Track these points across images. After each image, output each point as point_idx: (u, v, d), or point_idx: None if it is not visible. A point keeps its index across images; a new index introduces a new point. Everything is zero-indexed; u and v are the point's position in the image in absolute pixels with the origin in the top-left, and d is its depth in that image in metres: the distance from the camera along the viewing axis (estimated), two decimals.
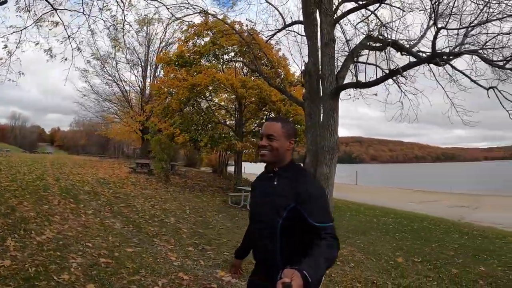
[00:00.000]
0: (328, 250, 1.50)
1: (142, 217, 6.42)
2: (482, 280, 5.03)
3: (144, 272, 3.63)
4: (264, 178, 1.83)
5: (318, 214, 1.61)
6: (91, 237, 4.46)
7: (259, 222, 1.76)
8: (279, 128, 1.75)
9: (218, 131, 14.96)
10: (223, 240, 5.95)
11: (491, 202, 20.08)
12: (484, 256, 6.55)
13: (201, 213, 8.29)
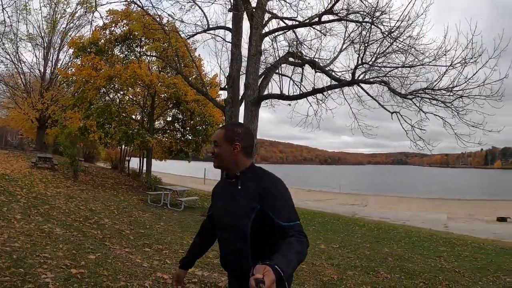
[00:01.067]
0: (298, 245, 1.49)
1: (76, 220, 6.09)
2: (390, 257, 6.46)
3: (123, 277, 3.64)
4: (227, 184, 1.82)
5: (283, 213, 1.60)
6: (41, 246, 4.17)
7: (227, 228, 1.73)
8: (221, 134, 1.77)
9: (131, 127, 14.49)
10: (169, 239, 6.09)
11: (376, 200, 23.63)
12: (384, 241, 8.31)
13: (128, 213, 8.14)
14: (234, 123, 1.98)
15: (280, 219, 1.58)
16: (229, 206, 1.73)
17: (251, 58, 11.42)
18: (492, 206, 22.37)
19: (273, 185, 1.67)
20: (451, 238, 9.93)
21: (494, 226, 14.29)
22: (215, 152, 1.77)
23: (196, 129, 16.63)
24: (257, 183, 1.68)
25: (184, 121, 17.31)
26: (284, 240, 1.53)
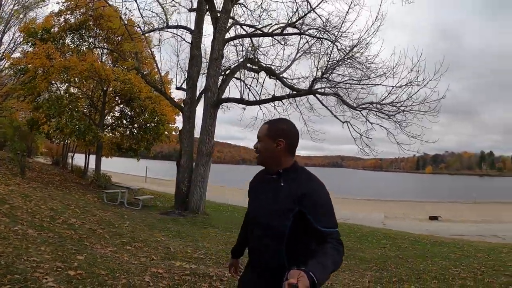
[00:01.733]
0: (334, 253, 1.48)
1: (44, 220, 5.91)
2: None
3: (121, 274, 3.78)
4: (266, 180, 1.80)
5: (323, 218, 1.59)
6: (24, 250, 4.08)
7: (263, 225, 1.71)
8: (265, 129, 1.76)
9: (83, 122, 13.99)
10: (143, 237, 6.23)
11: None
12: None
13: (90, 212, 8.00)
14: (280, 119, 1.84)
15: (319, 224, 1.56)
16: (268, 203, 1.71)
17: (213, 61, 11.75)
18: (424, 207, 24.86)
19: (317, 190, 1.65)
20: (390, 234, 11.12)
21: (427, 224, 16.12)
22: (257, 148, 1.77)
23: (147, 127, 16.40)
24: (300, 185, 1.66)
25: (133, 117, 16.98)
26: (320, 246, 1.52)
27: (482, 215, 20.47)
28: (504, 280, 5.36)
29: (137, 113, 16.58)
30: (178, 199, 11.42)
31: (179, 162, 11.79)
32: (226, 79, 12.34)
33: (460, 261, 6.95)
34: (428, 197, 36.00)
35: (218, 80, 11.94)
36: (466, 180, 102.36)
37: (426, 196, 38.36)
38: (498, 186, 72.15)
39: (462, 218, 19.06)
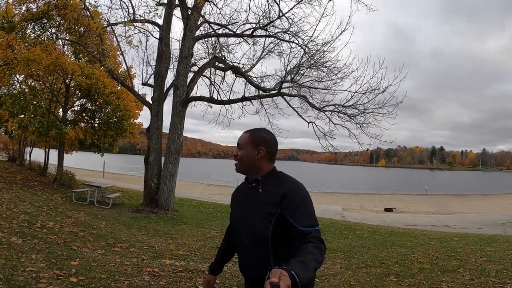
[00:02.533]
0: (316, 251, 1.46)
1: (22, 225, 5.78)
2: None
3: (120, 276, 3.95)
4: (247, 188, 1.82)
5: (303, 218, 1.58)
6: (15, 260, 4.06)
7: (247, 233, 1.72)
8: (247, 137, 1.77)
9: (46, 118, 13.49)
10: (124, 238, 6.37)
11: None
12: None
13: (64, 213, 7.88)
14: (259, 128, 1.86)
15: (299, 224, 1.56)
16: (249, 211, 1.73)
17: (183, 60, 11.84)
18: (379, 199, 26.42)
19: (294, 190, 1.67)
20: (350, 225, 11.93)
21: (383, 215, 17.20)
22: (237, 155, 1.79)
23: (110, 122, 16.09)
24: (278, 188, 1.67)
25: (94, 112, 16.58)
26: (301, 245, 1.51)
27: (433, 206, 22.10)
28: (455, 263, 6.16)
29: (98, 108, 16.20)
30: (147, 197, 11.47)
31: (148, 159, 11.82)
32: (194, 77, 12.47)
33: (417, 248, 7.76)
34: (383, 190, 38.01)
35: (188, 78, 12.06)
36: (418, 174, 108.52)
37: (381, 188, 40.43)
38: (448, 179, 77.48)
39: (415, 210, 20.46)
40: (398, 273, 5.42)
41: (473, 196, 32.03)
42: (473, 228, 13.11)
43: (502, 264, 6.06)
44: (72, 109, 16.83)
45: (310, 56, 10.83)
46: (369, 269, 5.66)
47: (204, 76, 13.09)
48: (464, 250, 7.54)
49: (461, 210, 20.54)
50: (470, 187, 45.82)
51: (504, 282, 4.90)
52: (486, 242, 8.85)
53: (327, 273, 5.23)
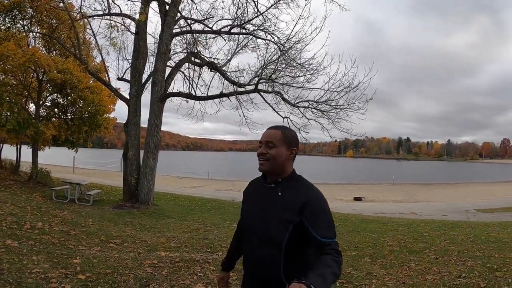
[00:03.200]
0: (334, 265, 1.47)
1: (12, 227, 5.83)
2: None
3: (124, 270, 4.22)
4: (264, 188, 1.76)
5: (323, 229, 1.57)
6: (18, 263, 4.19)
7: (260, 235, 1.66)
8: (280, 135, 1.70)
9: (21, 115, 13.13)
10: (114, 233, 6.61)
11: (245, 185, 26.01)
12: None
13: (48, 212, 7.89)
14: (286, 127, 1.82)
15: (318, 234, 1.55)
16: (265, 213, 1.67)
17: (161, 55, 11.95)
18: (348, 189, 27.39)
19: (317, 200, 1.64)
20: None
21: (352, 204, 18.11)
22: (267, 153, 1.69)
23: (84, 117, 15.87)
24: (300, 194, 1.64)
25: (66, 107, 16.29)
26: (319, 257, 1.51)
27: (401, 195, 23.34)
28: (422, 245, 6.88)
29: (71, 102, 15.92)
30: (127, 192, 11.59)
31: (126, 154, 11.92)
32: (172, 73, 12.62)
33: (386, 233, 8.48)
34: (352, 180, 39.24)
35: (165, 74, 12.20)
36: (385, 164, 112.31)
37: (350, 179, 41.70)
38: (414, 169, 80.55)
39: (384, 198, 21.57)
40: (371, 255, 6.04)
41: (439, 185, 33.70)
42: (438, 215, 14.12)
43: (464, 246, 6.85)
44: (44, 104, 16.47)
45: (283, 52, 11.28)
46: (345, 252, 6.23)
47: (181, 71, 13.26)
48: (430, 234, 8.34)
49: (427, 198, 21.75)
50: (435, 177, 48.00)
51: (465, 260, 5.61)
52: (450, 227, 9.74)
53: None
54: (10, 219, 6.56)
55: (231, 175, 38.13)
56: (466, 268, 5.09)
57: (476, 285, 4.30)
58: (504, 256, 5.75)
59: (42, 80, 14.44)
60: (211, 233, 7.64)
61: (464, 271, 4.91)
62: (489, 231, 8.78)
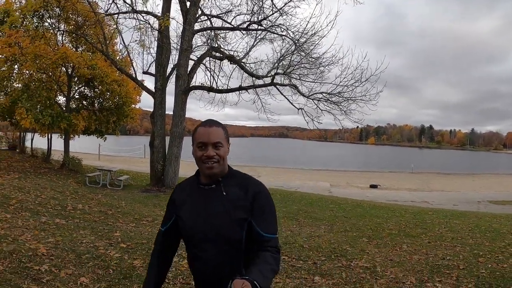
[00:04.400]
0: (273, 262, 1.46)
1: (56, 209, 6.82)
2: (300, 211, 9.52)
3: None
4: (202, 190, 1.61)
5: (267, 224, 1.54)
6: (67, 236, 4.98)
7: (214, 241, 1.53)
8: (222, 133, 1.57)
9: (55, 110, 14.27)
10: (145, 213, 7.58)
11: (267, 172, 26.90)
12: (289, 202, 11.37)
13: (85, 196, 8.92)
14: (218, 121, 1.65)
15: (262, 229, 1.52)
16: (215, 216, 1.54)
17: (184, 52, 12.79)
18: (366, 176, 27.84)
19: (263, 194, 1.59)
20: (336, 200, 13.32)
21: (367, 191, 18.65)
22: (217, 155, 1.54)
23: (111, 108, 16.92)
24: (245, 190, 1.57)
25: (93, 99, 17.35)
26: (259, 253, 1.49)
27: (416, 184, 23.52)
28: (420, 231, 7.54)
29: (98, 94, 16.97)
30: (154, 177, 12.66)
31: (153, 143, 12.92)
32: (194, 67, 13.48)
33: (391, 219, 9.15)
34: (371, 168, 39.45)
35: (188, 68, 13.06)
36: (407, 152, 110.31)
37: (369, 166, 41.86)
38: (437, 158, 79.04)
39: (399, 187, 21.91)
40: (370, 236, 6.78)
41: (458, 175, 33.43)
42: (450, 204, 14.45)
43: (459, 234, 7.41)
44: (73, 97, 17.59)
45: (298, 46, 11.95)
46: (347, 233, 7.02)
47: (203, 64, 14.10)
48: (432, 222, 8.89)
49: (442, 188, 21.91)
50: (456, 167, 47.08)
51: (455, 246, 6.23)
52: (456, 216, 10.16)
53: (313, 235, 6.58)
54: (53, 202, 7.62)
55: (251, 161, 38.77)
56: (453, 252, 5.69)
57: (456, 266, 4.91)
58: (494, 245, 6.24)
59: (72, 75, 15.50)
60: None
61: (449, 255, 5.53)
62: (492, 222, 9.08)
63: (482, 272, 4.72)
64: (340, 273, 4.44)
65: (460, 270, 4.75)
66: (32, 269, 3.86)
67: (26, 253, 4.26)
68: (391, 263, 5.00)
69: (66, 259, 4.31)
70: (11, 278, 3.58)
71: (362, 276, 4.36)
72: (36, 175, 11.95)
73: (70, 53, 13.50)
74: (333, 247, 5.77)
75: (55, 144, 17.38)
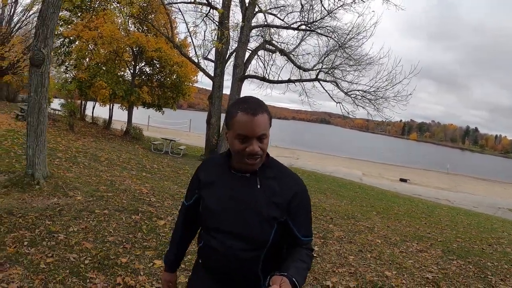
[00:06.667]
0: (308, 260, 1.43)
1: (137, 167, 8.95)
2: (327, 189, 11.07)
3: None
4: (232, 176, 1.44)
5: (305, 227, 1.46)
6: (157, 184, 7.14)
7: (235, 235, 1.39)
8: (267, 121, 1.35)
9: (126, 84, 16.78)
10: None
11: (306, 155, 28.52)
12: (321, 183, 12.88)
13: (155, 160, 11.22)
14: (260, 101, 1.39)
15: (301, 232, 1.44)
16: (245, 211, 1.39)
17: (241, 45, 14.80)
18: (399, 170, 28.58)
19: (304, 194, 1.47)
20: (363, 186, 14.95)
21: (396, 184, 19.86)
22: (261, 150, 1.35)
23: (171, 85, 19.23)
24: (283, 186, 1.42)
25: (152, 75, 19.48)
26: (296, 249, 1.44)
27: (446, 184, 24.05)
28: (423, 216, 9.17)
29: (157, 72, 19.32)
30: (208, 149, 14.96)
31: (210, 120, 15.16)
32: (250, 57, 15.49)
33: (404, 206, 10.73)
34: (406, 163, 39.52)
35: (244, 59, 15.08)
36: (447, 152, 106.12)
37: (404, 161, 41.88)
38: (476, 162, 76.13)
39: (428, 184, 22.59)
40: (379, 211, 8.61)
41: (492, 182, 32.70)
42: (470, 206, 14.99)
43: (457, 224, 8.47)
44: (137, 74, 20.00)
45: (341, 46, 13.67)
46: (362, 207, 8.93)
47: (258, 55, 16.13)
48: (439, 213, 10.10)
49: (470, 191, 22.15)
50: (494, 173, 44.66)
51: (443, 229, 7.57)
52: (467, 215, 10.67)
53: (335, 204, 8.53)
54: (133, 161, 9.86)
55: (291, 144, 39.75)
56: (437, 231, 7.14)
57: (435, 239, 6.39)
58: (479, 236, 7.20)
59: (137, 55, 17.83)
60: None
61: (435, 232, 7.02)
62: (496, 224, 9.73)
63: (453, 246, 5.97)
64: (347, 225, 6.42)
65: (437, 241, 6.31)
66: (145, 200, 5.98)
67: (135, 192, 6.35)
68: (387, 228, 6.83)
69: (164, 196, 6.50)
70: (133, 203, 5.61)
71: (362, 230, 6.29)
72: (106, 140, 14.05)
73: (142, 39, 15.79)
74: (348, 212, 7.68)
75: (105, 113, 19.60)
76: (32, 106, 5.76)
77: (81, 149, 10.04)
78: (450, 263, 5.08)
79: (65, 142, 10.48)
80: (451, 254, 5.49)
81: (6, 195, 4.91)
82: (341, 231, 5.97)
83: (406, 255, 5.20)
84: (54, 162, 7.24)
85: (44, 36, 5.66)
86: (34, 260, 3.30)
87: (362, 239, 5.70)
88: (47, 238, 3.73)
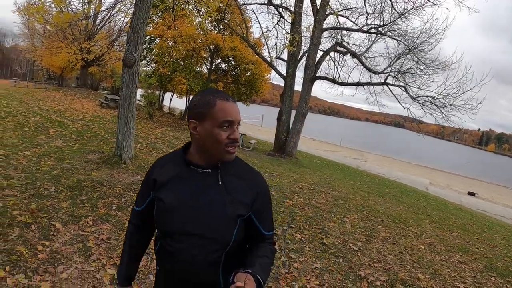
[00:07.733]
0: (271, 256, 1.45)
1: None
2: (388, 194, 11.45)
3: (283, 186, 8.49)
4: (191, 173, 1.40)
5: (269, 222, 1.49)
6: None
7: (196, 237, 1.36)
8: (238, 109, 1.39)
9: (203, 79, 18.39)
10: (273, 169, 10.86)
11: (374, 158, 28.48)
12: (384, 187, 13.13)
13: None
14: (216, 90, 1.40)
15: (265, 228, 1.46)
16: (206, 209, 1.36)
17: (313, 46, 15.55)
18: (469, 183, 27.04)
19: (267, 192, 1.49)
20: (426, 195, 14.64)
21: (463, 197, 18.84)
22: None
23: (244, 83, 20.48)
24: (247, 184, 1.42)
25: (227, 71, 21.05)
26: (259, 245, 1.46)
27: None
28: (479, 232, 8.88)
29: (231, 69, 20.72)
30: (277, 145, 16.03)
31: (280, 118, 16.13)
32: (321, 59, 16.17)
33: (462, 219, 10.29)
34: (478, 175, 37.15)
35: (315, 60, 15.79)
36: None
37: (477, 173, 39.22)
38: None
39: (497, 200, 20.98)
40: (433, 221, 8.85)
41: None
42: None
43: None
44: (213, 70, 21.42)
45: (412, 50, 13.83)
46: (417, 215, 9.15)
47: (330, 55, 16.77)
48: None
49: None
50: None
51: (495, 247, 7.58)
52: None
53: (389, 208, 9.05)
54: None
55: (361, 146, 39.71)
56: (488, 248, 7.04)
57: (480, 254, 6.49)
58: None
59: (214, 53, 19.28)
60: (333, 182, 11.29)
61: (483, 248, 6.99)
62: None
63: (498, 264, 5.98)
64: (396, 229, 7.02)
65: (483, 257, 6.19)
66: None
67: None
68: (435, 237, 7.08)
69: None
70: None
71: (409, 235, 6.79)
72: (182, 130, 15.36)
73: (219, 39, 17.18)
74: (400, 217, 8.17)
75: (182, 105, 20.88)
76: (124, 99, 7.25)
77: (159, 136, 11.55)
78: (489, 279, 5.16)
79: (145, 130, 12.12)
80: (492, 271, 5.56)
81: (97, 170, 6.43)
82: (388, 233, 6.61)
83: (445, 264, 5.43)
84: (137, 147, 8.78)
85: (135, 42, 7.10)
86: (120, 221, 4.60)
87: (407, 243, 6.20)
88: (131, 205, 4.83)
